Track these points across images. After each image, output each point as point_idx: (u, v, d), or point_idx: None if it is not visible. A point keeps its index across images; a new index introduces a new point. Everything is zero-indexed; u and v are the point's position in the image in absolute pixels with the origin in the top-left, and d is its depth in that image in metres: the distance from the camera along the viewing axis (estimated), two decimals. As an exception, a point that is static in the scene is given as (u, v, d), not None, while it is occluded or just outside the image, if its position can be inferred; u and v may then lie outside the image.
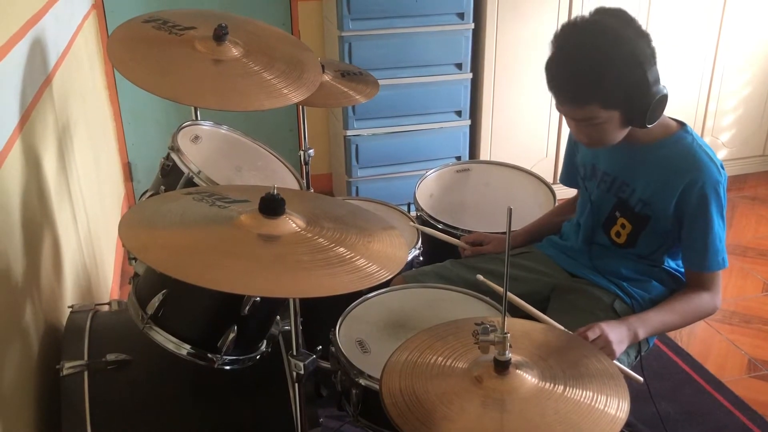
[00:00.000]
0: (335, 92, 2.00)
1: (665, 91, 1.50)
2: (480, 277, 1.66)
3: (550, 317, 1.67)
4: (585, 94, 1.48)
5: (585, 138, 1.58)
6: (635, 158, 1.64)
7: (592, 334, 1.46)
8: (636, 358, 1.66)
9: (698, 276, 1.61)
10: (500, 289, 1.61)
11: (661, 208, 1.60)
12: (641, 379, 1.45)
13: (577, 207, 1.85)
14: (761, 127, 3.83)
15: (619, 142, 1.65)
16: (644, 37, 1.49)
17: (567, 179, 1.92)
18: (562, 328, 1.43)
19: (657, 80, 1.49)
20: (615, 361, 1.45)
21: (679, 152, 1.58)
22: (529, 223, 2.01)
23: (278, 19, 3.42)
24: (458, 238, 2.02)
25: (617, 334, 1.49)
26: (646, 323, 1.56)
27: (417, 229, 2.13)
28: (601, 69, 1.45)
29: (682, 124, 1.63)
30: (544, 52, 3.66)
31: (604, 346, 1.46)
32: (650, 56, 1.48)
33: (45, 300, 1.69)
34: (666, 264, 1.71)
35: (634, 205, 1.65)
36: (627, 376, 1.45)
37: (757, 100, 3.75)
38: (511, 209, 1.11)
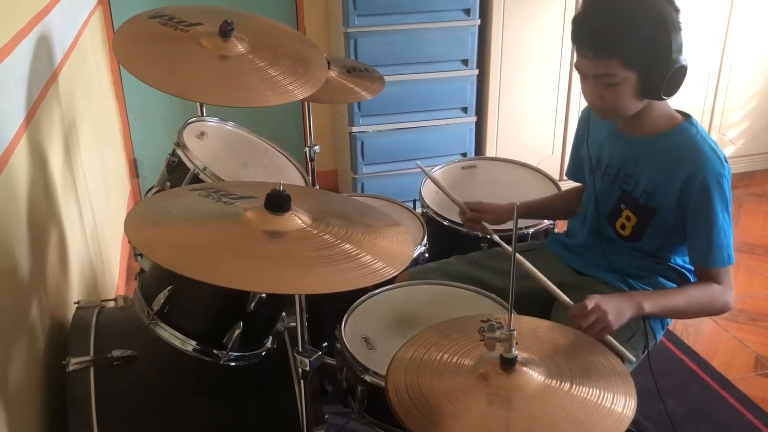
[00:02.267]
0: (341, 88, 2.00)
1: (685, 63, 1.49)
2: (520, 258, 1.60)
3: (557, 315, 1.67)
4: (608, 46, 1.48)
5: (598, 101, 1.56)
6: (639, 150, 1.62)
7: (588, 305, 1.44)
8: (643, 352, 1.65)
9: (705, 272, 1.59)
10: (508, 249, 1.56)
11: (666, 199, 1.59)
12: (633, 358, 1.44)
13: (583, 200, 1.84)
14: (769, 124, 3.82)
15: (622, 134, 1.63)
16: (673, 5, 1.49)
17: (573, 173, 1.91)
18: (568, 300, 1.43)
19: (680, 49, 1.48)
20: (609, 336, 1.44)
21: (682, 143, 1.57)
22: (530, 200, 2.00)
23: (284, 15, 3.42)
24: (464, 234, 2.02)
25: (613, 306, 1.46)
26: (653, 299, 1.54)
27: (422, 225, 2.13)
28: (628, 23, 1.46)
29: (687, 117, 1.62)
30: (551, 48, 3.64)
31: (600, 318, 1.43)
32: (677, 23, 1.48)
33: (51, 296, 1.69)
34: (673, 261, 1.70)
35: (638, 197, 1.64)
36: (620, 356, 1.43)
37: (764, 96, 3.73)
38: (517, 206, 1.11)
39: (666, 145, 1.59)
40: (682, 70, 1.49)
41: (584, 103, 1.74)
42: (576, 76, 3.45)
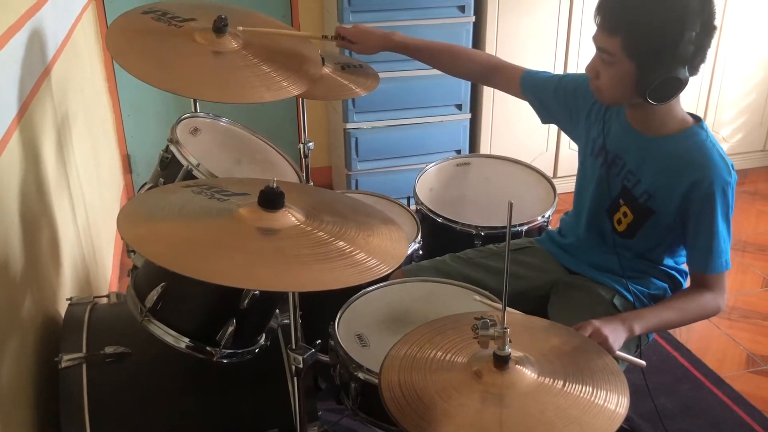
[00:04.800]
0: (335, 85, 1.99)
1: (683, 77, 1.45)
2: (477, 298, 1.61)
3: (550, 314, 1.66)
4: (614, 22, 1.46)
5: (593, 74, 1.55)
6: (645, 148, 1.60)
7: (584, 333, 1.43)
8: (636, 351, 1.66)
9: (701, 277, 1.59)
10: (497, 306, 1.53)
11: (666, 203, 1.58)
12: (643, 363, 1.44)
13: (575, 189, 1.81)
14: (762, 122, 3.83)
15: (630, 127, 1.61)
16: (706, 20, 1.44)
17: (531, 82, 1.83)
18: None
19: (684, 60, 1.44)
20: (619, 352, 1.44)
21: (690, 148, 1.55)
22: (422, 40, 1.95)
23: (278, 11, 3.41)
24: (458, 231, 2.02)
25: (611, 329, 1.45)
26: (642, 318, 1.53)
27: (416, 222, 2.12)
28: (641, 10, 1.44)
29: (698, 120, 1.59)
30: (545, 45, 3.63)
31: (601, 342, 1.44)
32: (697, 36, 1.43)
33: (43, 292, 1.68)
34: (665, 263, 1.70)
35: (638, 196, 1.62)
36: (630, 362, 1.44)
37: (758, 94, 3.75)
38: (511, 203, 1.11)
39: (674, 147, 1.56)
40: (675, 82, 1.46)
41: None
42: (571, 71, 3.45)
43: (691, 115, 1.61)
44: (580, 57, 3.36)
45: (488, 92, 3.33)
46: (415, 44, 1.93)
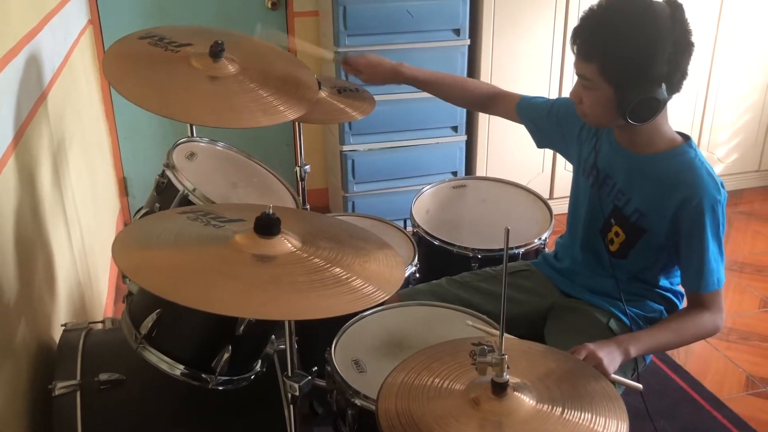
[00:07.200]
0: (332, 109, 2.00)
1: (661, 96, 1.47)
2: (469, 323, 1.58)
3: (546, 337, 1.65)
4: (589, 49, 1.50)
5: (577, 100, 1.59)
6: (635, 167, 1.61)
7: (579, 356, 1.42)
8: (633, 374, 1.65)
9: (696, 296, 1.58)
10: (494, 332, 1.52)
11: (657, 222, 1.59)
12: (640, 386, 1.43)
13: (569, 209, 1.82)
14: (757, 142, 3.85)
15: (620, 147, 1.62)
16: (679, 38, 1.46)
17: (526, 108, 1.88)
18: None
19: (660, 79, 1.46)
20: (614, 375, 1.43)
21: (679, 166, 1.56)
22: (428, 72, 1.98)
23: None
24: (455, 254, 2.01)
25: (606, 352, 1.45)
26: (638, 341, 1.53)
27: (413, 245, 2.12)
28: (613, 35, 1.46)
29: (686, 138, 1.61)
30: (540, 68, 3.65)
31: (596, 366, 1.43)
32: (670, 55, 1.45)
33: (38, 318, 1.67)
34: (660, 284, 1.70)
35: (629, 215, 1.63)
36: (627, 386, 1.43)
37: (752, 115, 3.77)
38: (508, 230, 1.10)
39: (663, 166, 1.57)
40: (653, 102, 1.47)
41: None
42: (565, 95, 3.48)
43: (680, 134, 1.62)
44: (575, 79, 3.37)
45: (483, 114, 3.35)
46: (424, 78, 1.98)
